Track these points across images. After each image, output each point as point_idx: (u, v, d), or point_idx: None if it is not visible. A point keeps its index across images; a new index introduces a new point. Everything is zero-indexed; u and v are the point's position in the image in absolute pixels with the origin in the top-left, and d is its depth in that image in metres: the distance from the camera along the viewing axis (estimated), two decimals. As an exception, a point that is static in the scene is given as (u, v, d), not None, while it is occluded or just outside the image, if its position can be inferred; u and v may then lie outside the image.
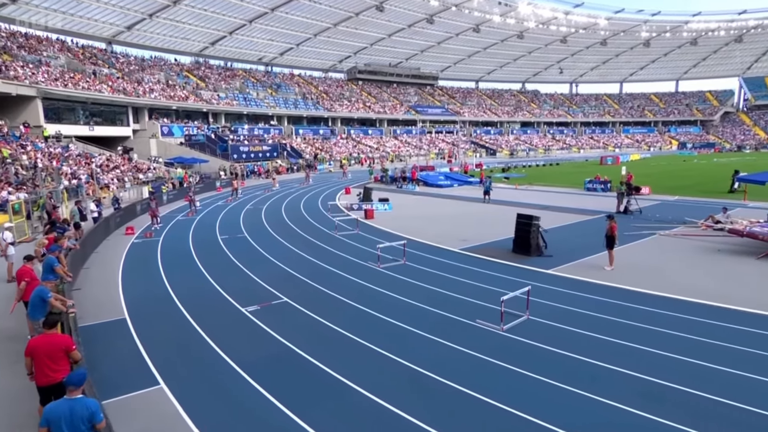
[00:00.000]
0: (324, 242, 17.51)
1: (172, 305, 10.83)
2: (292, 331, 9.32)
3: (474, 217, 22.45)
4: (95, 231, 16.98)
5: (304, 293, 11.65)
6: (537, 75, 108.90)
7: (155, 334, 9.23)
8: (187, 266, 14.34)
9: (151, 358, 8.12)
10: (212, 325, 9.65)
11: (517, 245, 15.35)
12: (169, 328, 9.50)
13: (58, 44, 48.46)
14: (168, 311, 10.46)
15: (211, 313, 10.32)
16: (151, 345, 8.69)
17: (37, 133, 33.45)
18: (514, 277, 12.67)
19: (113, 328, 9.50)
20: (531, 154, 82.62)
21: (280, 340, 8.92)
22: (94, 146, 37.24)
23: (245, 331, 9.34)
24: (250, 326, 9.59)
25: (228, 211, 25.80)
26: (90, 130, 40.51)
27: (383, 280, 12.71)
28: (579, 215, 21.93)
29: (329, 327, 9.50)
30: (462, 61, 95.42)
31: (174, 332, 9.31)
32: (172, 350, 8.49)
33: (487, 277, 12.72)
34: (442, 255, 15.29)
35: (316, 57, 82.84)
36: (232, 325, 9.65)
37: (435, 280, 12.61)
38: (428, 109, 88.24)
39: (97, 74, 45.35)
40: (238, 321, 9.89)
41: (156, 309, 10.63)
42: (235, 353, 8.32)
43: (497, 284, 12.01)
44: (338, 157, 61.94)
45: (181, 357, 8.23)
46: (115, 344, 8.77)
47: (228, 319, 9.98)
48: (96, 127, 41.32)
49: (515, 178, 39.37)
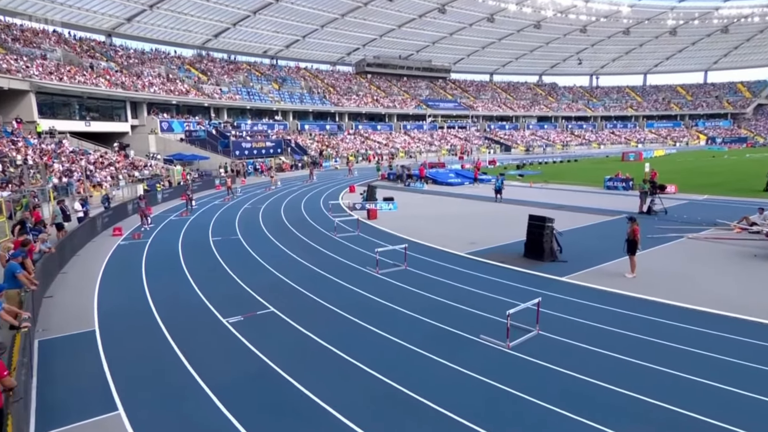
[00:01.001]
0: (321, 245, 16.92)
1: (149, 316, 10.30)
2: (275, 346, 8.71)
3: (484, 218, 21.70)
4: (79, 232, 16.59)
5: (292, 302, 11.05)
6: (555, 67, 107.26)
7: (124, 349, 8.68)
8: (171, 271, 13.84)
9: (114, 379, 7.57)
10: (188, 338, 9.09)
11: (528, 249, 14.60)
12: (141, 343, 8.95)
13: (54, 37, 48.57)
14: (142, 323, 9.92)
15: (189, 325, 9.76)
16: (117, 362, 8.15)
17: (30, 129, 33.37)
18: (524, 285, 11.93)
19: (80, 342, 8.98)
20: (548, 150, 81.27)
21: (259, 356, 8.32)
22: (90, 142, 37.14)
23: (223, 347, 8.75)
24: (229, 340, 9.01)
25: (224, 211, 25.36)
26: (86, 126, 40.46)
27: (381, 287, 12.06)
28: (598, 216, 21.05)
29: (315, 342, 8.87)
30: (476, 53, 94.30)
31: (145, 347, 8.76)
32: (139, 369, 7.93)
33: (495, 285, 12.00)
34: (447, 260, 14.60)
35: (323, 49, 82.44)
36: (209, 339, 9.08)
37: (437, 288, 11.93)
38: (440, 103, 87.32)
39: (94, 68, 45.35)
40: (217, 334, 9.31)
41: (130, 320, 10.10)
42: (207, 372, 7.73)
43: (505, 293, 11.29)
44: (345, 154, 61.44)
45: (148, 377, 7.66)
46: (77, 361, 8.24)
47: (206, 332, 9.41)
48: (92, 123, 41.27)
49: (530, 176, 38.44)
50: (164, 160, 42.59)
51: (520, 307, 8.83)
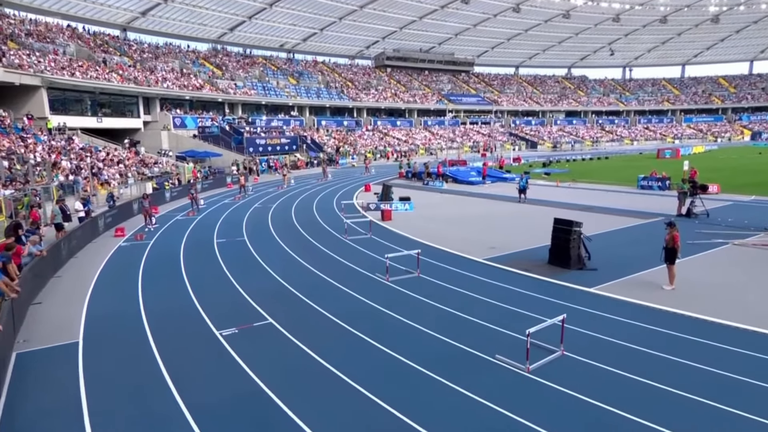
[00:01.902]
0: (330, 248, 16.38)
1: (138, 327, 9.88)
2: (269, 363, 8.17)
3: (506, 220, 20.85)
4: (78, 233, 16.40)
5: (293, 313, 10.51)
6: (585, 59, 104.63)
7: (105, 364, 8.25)
8: (169, 276, 13.46)
9: (88, 399, 7.11)
10: (175, 353, 8.62)
11: (553, 256, 13.77)
12: (124, 358, 8.51)
13: (68, 31, 49.29)
14: (130, 335, 9.50)
15: (179, 338, 9.30)
16: (95, 380, 7.71)
17: (41, 125, 33.75)
18: (547, 297, 11.15)
19: (60, 356, 8.59)
20: (576, 146, 79.30)
21: (249, 376, 7.77)
22: (101, 139, 37.44)
23: (211, 363, 8.24)
24: (219, 356, 8.50)
25: (233, 211, 25.07)
26: (98, 122, 40.84)
27: (390, 297, 11.43)
28: (630, 218, 20.00)
29: (313, 360, 8.29)
30: (500, 45, 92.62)
31: (128, 363, 8.31)
32: (118, 387, 7.47)
33: (515, 296, 11.23)
34: (464, 266, 13.87)
35: (342, 42, 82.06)
36: (198, 355, 8.58)
37: (452, 298, 11.23)
38: (462, 98, 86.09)
39: (107, 62, 45.82)
40: (208, 349, 8.82)
41: (117, 331, 9.70)
42: (190, 393, 7.22)
43: (526, 306, 10.53)
44: (363, 151, 60.94)
45: (125, 397, 7.19)
46: (53, 377, 7.83)
47: (196, 346, 8.92)
48: (104, 119, 41.64)
49: (556, 174, 37.24)
50: (176, 157, 42.78)
51: (543, 326, 8.07)
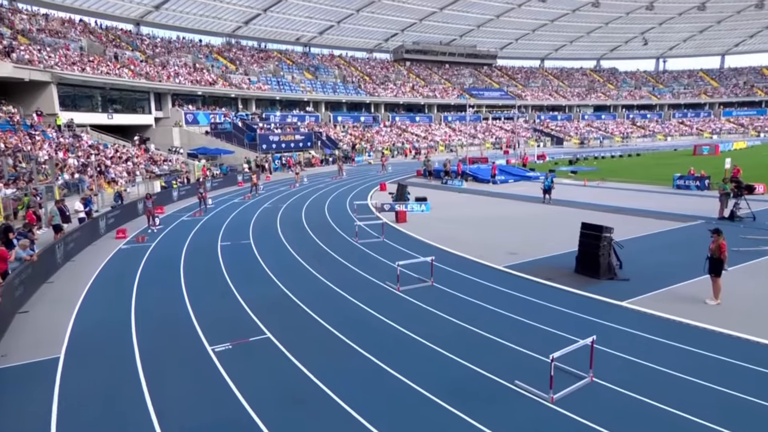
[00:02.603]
0: (339, 253, 15.75)
1: (125, 340, 9.38)
2: (261, 386, 7.56)
3: (528, 223, 19.95)
4: (77, 235, 16.08)
5: (293, 326, 9.91)
6: (615, 50, 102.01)
7: (83, 384, 7.74)
8: (166, 282, 12.99)
9: (58, 426, 6.60)
10: (161, 371, 8.08)
11: (581, 264, 12.89)
12: (105, 377, 8.00)
13: (80, 26, 49.73)
14: (115, 350, 9.00)
15: (167, 354, 8.77)
16: (70, 402, 7.19)
17: (50, 122, 33.93)
18: (574, 311, 10.32)
19: (37, 373, 8.12)
20: (605, 142, 77.30)
21: (238, 399, 7.18)
22: (110, 136, 37.55)
23: (198, 384, 7.67)
24: (208, 376, 7.93)
25: (241, 211, 24.66)
26: (109, 119, 41.05)
27: (401, 309, 10.74)
28: (666, 222, 18.90)
29: (311, 382, 7.66)
30: (525, 37, 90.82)
31: (108, 383, 7.79)
32: (92, 412, 6.94)
33: (538, 310, 10.43)
34: (482, 274, 13.09)
35: (359, 35, 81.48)
36: (185, 374, 8.03)
37: (467, 311, 10.49)
38: (484, 92, 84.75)
39: (119, 57, 46.05)
40: (197, 367, 8.25)
41: (103, 345, 9.21)
42: (170, 419, 6.66)
43: (550, 321, 9.73)
44: (380, 147, 60.29)
45: (98, 422, 6.65)
46: (25, 398, 7.35)
47: (184, 364, 8.37)
48: (115, 115, 41.85)
49: (584, 173, 36.01)
50: (188, 154, 42.77)
51: (569, 350, 7.28)
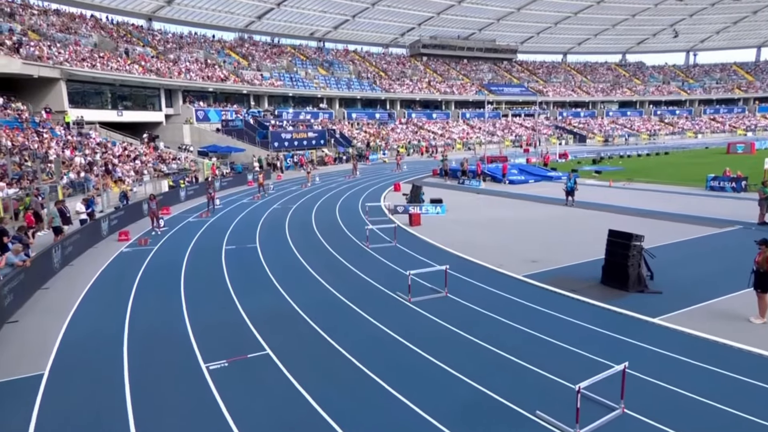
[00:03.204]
0: (349, 259, 15.22)
1: (115, 355, 8.96)
2: (253, 409, 7.06)
3: (550, 227, 19.17)
4: (76, 237, 15.80)
5: (296, 342, 9.40)
6: (642, 43, 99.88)
7: (64, 406, 7.31)
8: (165, 290, 12.59)
9: (32, 455, 6.19)
10: (150, 392, 7.62)
11: (608, 275, 12.15)
12: (89, 397, 7.56)
13: (92, 22, 50.01)
14: (104, 366, 8.58)
15: (158, 371, 8.31)
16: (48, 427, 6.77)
17: (59, 119, 34.03)
18: (601, 328, 9.62)
19: (16, 393, 7.72)
20: (631, 140, 75.62)
21: (228, 426, 6.68)
22: (120, 134, 37.58)
23: (188, 408, 7.18)
24: (199, 398, 7.44)
25: (250, 212, 24.31)
26: (118, 116, 41.15)
27: (412, 324, 10.16)
28: (700, 226, 17.97)
29: (309, 407, 7.12)
30: (547, 30, 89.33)
31: (91, 404, 7.34)
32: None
33: (561, 327, 9.76)
34: (500, 284, 12.44)
35: (375, 30, 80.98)
36: (175, 395, 7.55)
37: (484, 327, 9.87)
38: (504, 88, 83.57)
39: (129, 53, 46.18)
40: (188, 387, 7.78)
41: (91, 361, 8.79)
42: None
43: (575, 340, 9.05)
44: (395, 145, 59.70)
45: (78, 454, 6.22)
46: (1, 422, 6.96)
47: (175, 383, 7.90)
48: (125, 112, 41.94)
49: (609, 172, 34.95)
50: (198, 152, 42.67)
51: (598, 378, 6.62)
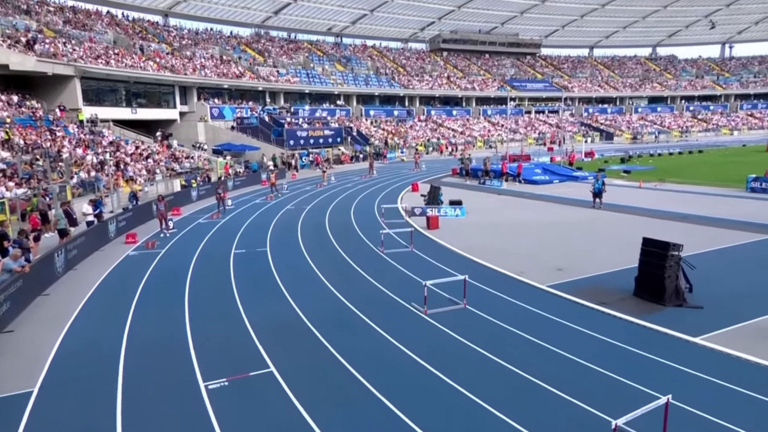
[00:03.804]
0: (363, 266, 14.66)
1: (110, 371, 8.55)
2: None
3: (577, 231, 18.35)
4: (82, 241, 15.56)
5: (301, 358, 8.89)
6: (674, 35, 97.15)
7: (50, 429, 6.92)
8: (169, 298, 12.19)
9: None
10: (142, 414, 7.19)
11: (642, 286, 11.39)
12: (76, 418, 7.15)
13: (107, 18, 50.40)
14: (96, 383, 8.17)
15: (155, 391, 7.88)
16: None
17: (72, 117, 34.21)
18: (636, 348, 8.90)
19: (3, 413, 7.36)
20: (661, 137, 73.57)
21: (225, 461, 6.20)
22: (133, 132, 37.67)
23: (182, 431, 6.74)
24: (194, 422, 6.98)
25: (262, 213, 23.95)
26: (132, 113, 41.29)
27: (426, 339, 9.58)
28: (742, 232, 16.97)
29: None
30: (572, 23, 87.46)
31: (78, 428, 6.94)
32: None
33: (592, 346, 9.06)
34: (524, 295, 11.76)
35: (394, 24, 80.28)
36: (169, 418, 7.10)
37: (505, 344, 9.23)
38: (527, 83, 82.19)
39: (144, 50, 46.37)
40: (184, 409, 7.32)
41: (84, 377, 8.39)
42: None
43: (609, 362, 8.35)
44: (414, 144, 59.02)
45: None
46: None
47: (171, 405, 7.45)
48: (139, 110, 42.07)
49: (639, 172, 33.77)
50: (212, 150, 42.64)
51: (637, 414, 5.95)
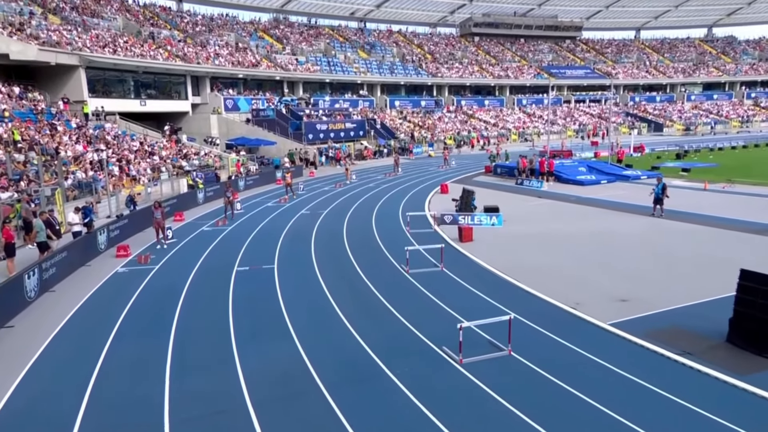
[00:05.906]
0: (384, 291, 12.90)
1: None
2: None
3: (637, 247, 16.25)
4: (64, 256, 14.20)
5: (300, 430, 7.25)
6: (733, 14, 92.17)
7: None
8: (151, 335, 10.57)
9: None
10: None
11: (738, 332, 9.41)
12: None
13: (117, 4, 49.75)
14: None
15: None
16: None
17: (76, 110, 33.36)
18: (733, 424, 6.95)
19: None
20: (718, 128, 69.77)
21: None
22: (141, 125, 36.71)
23: None
24: None
25: (273, 219, 22.47)
26: (141, 106, 40.48)
27: (461, 401, 7.82)
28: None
29: None
30: (617, 3, 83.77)
31: None
32: None
33: (673, 414, 7.17)
34: (580, 338, 9.87)
35: (422, 8, 78.30)
36: None
37: (562, 411, 7.40)
38: (566, 70, 79.24)
39: (154, 37, 45.50)
40: None
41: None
42: None
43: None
44: (442, 137, 57.04)
45: None
46: None
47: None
48: (148, 102, 41.24)
49: (700, 170, 31.15)
50: (225, 145, 41.50)
51: None
